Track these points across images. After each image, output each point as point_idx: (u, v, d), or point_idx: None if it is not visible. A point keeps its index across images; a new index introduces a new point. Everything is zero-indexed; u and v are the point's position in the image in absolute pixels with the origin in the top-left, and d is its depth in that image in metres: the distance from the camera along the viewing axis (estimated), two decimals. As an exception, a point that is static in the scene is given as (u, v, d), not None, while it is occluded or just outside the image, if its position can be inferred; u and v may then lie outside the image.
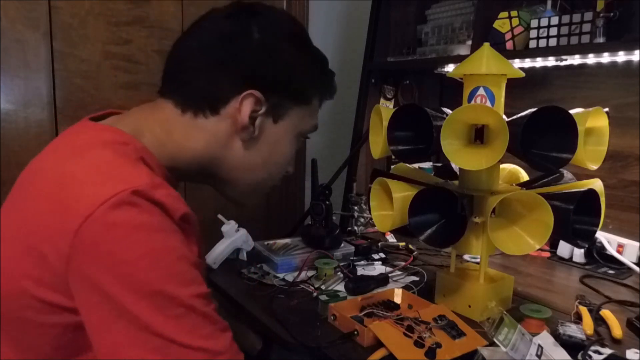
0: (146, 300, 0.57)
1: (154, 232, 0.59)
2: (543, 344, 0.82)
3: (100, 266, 0.57)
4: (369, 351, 0.85)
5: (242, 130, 0.74)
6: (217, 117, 0.74)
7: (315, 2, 2.00)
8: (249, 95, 0.72)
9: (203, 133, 0.74)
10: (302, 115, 0.80)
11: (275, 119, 0.77)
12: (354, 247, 1.35)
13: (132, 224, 0.58)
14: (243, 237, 1.31)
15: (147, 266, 0.57)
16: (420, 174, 1.11)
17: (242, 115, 0.73)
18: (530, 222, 0.91)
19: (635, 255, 1.27)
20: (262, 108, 0.74)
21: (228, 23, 0.74)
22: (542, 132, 0.88)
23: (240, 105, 0.73)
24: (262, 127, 0.76)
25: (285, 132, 0.79)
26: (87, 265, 0.57)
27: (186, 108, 0.74)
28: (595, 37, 1.14)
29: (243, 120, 0.73)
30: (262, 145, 0.77)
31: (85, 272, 0.57)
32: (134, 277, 0.57)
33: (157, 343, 0.57)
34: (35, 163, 0.72)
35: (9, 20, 1.45)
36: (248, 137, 0.76)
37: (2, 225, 0.67)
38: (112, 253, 0.57)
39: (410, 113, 0.97)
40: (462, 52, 1.51)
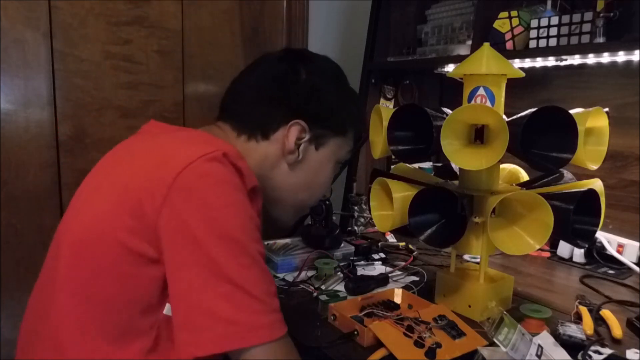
0: (225, 245, 0.66)
1: (236, 189, 0.70)
2: (543, 344, 0.82)
3: (191, 208, 0.66)
4: (369, 351, 0.85)
5: (288, 153, 0.86)
6: (267, 142, 0.85)
7: (315, 2, 2.00)
8: (296, 124, 0.84)
9: (255, 154, 0.85)
10: (340, 144, 0.91)
11: (317, 147, 0.88)
12: (354, 247, 1.35)
13: (222, 177, 0.69)
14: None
15: (230, 214, 0.68)
16: (420, 174, 1.11)
17: (289, 140, 0.85)
18: (530, 222, 0.91)
19: (635, 255, 1.27)
20: (306, 136, 0.86)
21: (280, 65, 0.88)
22: (542, 132, 0.88)
23: (288, 132, 0.85)
24: (306, 153, 0.87)
25: (325, 158, 0.90)
26: (179, 207, 0.66)
27: (241, 132, 0.86)
28: (595, 37, 1.14)
29: (290, 145, 0.85)
30: (305, 168, 0.88)
31: (176, 213, 0.66)
32: (218, 222, 0.66)
33: (226, 289, 0.65)
34: (126, 144, 0.84)
35: (9, 20, 1.45)
36: (293, 161, 0.87)
37: (100, 184, 0.77)
38: (203, 198, 0.67)
39: (410, 113, 0.97)
40: (462, 52, 1.51)
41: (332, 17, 2.06)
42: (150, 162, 0.73)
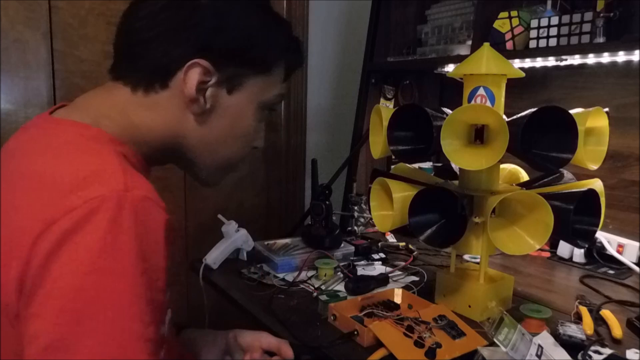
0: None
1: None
2: (543, 344, 0.82)
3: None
4: (369, 351, 0.85)
5: (191, 103, 0.69)
6: (168, 90, 0.68)
7: (315, 2, 2.00)
8: (194, 65, 0.66)
9: (157, 110, 0.69)
10: (262, 85, 0.73)
11: (229, 90, 0.71)
12: (354, 247, 1.35)
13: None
14: (243, 237, 1.31)
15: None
16: (420, 174, 1.11)
17: (187, 86, 0.67)
18: (530, 222, 0.91)
19: (635, 255, 1.27)
20: (212, 78, 0.68)
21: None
22: (542, 132, 0.88)
23: (185, 76, 0.67)
24: (215, 99, 0.70)
25: (244, 104, 0.73)
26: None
27: (136, 86, 0.69)
28: (595, 37, 1.14)
29: (189, 91, 0.67)
30: (218, 118, 0.72)
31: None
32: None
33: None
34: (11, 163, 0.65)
35: (9, 20, 1.45)
36: (200, 111, 0.70)
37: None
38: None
39: (410, 113, 0.97)
40: (462, 52, 1.51)
41: (332, 17, 2.06)
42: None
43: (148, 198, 0.58)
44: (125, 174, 0.58)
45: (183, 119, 0.70)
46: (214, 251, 1.27)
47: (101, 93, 0.71)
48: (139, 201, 0.56)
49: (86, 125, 0.65)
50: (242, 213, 1.97)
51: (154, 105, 0.69)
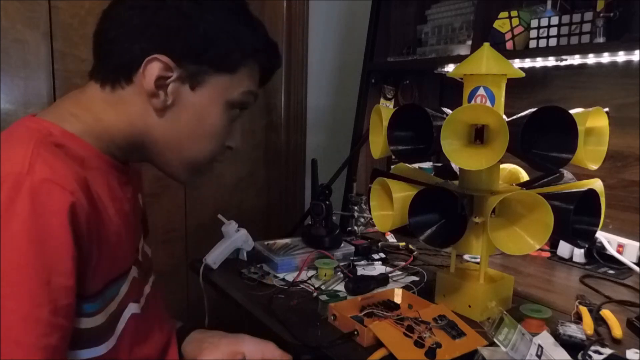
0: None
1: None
2: (543, 344, 0.82)
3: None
4: (369, 351, 0.85)
5: (151, 97, 0.70)
6: (132, 86, 0.70)
7: (315, 2, 2.00)
8: (153, 60, 0.68)
9: (122, 105, 0.71)
10: (227, 83, 0.74)
11: (192, 86, 0.72)
12: (354, 247, 1.35)
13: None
14: (243, 237, 1.31)
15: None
16: (420, 174, 1.11)
17: (146, 81, 0.69)
18: (530, 222, 0.91)
19: (635, 255, 1.27)
20: (173, 74, 0.70)
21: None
22: (542, 132, 0.88)
23: (144, 70, 0.68)
24: (178, 95, 0.71)
25: (208, 101, 0.73)
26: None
27: (104, 83, 0.71)
28: (595, 37, 1.14)
29: (148, 86, 0.69)
30: (182, 114, 0.72)
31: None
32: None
33: None
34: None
35: (9, 20, 1.45)
36: (161, 105, 0.71)
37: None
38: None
39: (410, 113, 0.97)
40: (462, 52, 1.51)
41: (332, 17, 2.06)
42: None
43: (49, 180, 0.58)
44: (35, 157, 0.59)
45: (146, 113, 0.72)
46: (214, 251, 1.27)
47: (76, 93, 0.74)
48: (37, 183, 0.57)
49: (39, 120, 0.68)
50: (242, 213, 1.97)
51: (119, 100, 0.71)
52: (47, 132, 0.66)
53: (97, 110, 0.71)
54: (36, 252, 0.56)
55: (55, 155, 0.62)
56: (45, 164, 0.60)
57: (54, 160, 0.61)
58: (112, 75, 0.71)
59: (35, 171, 0.58)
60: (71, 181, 0.61)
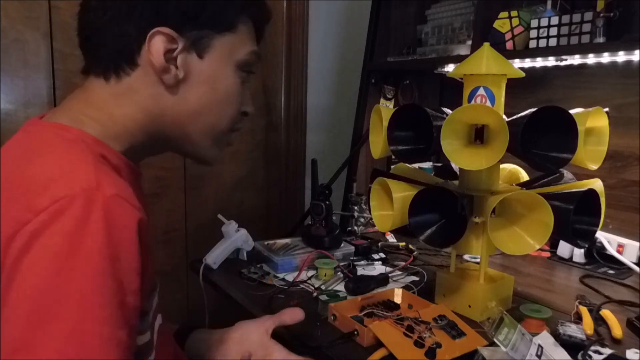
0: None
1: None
2: (543, 344, 0.82)
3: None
4: (369, 351, 0.85)
5: (163, 73, 0.67)
6: (138, 69, 0.67)
7: (315, 2, 2.00)
8: (156, 34, 0.65)
9: (132, 93, 0.68)
10: (232, 43, 0.71)
11: (199, 54, 0.69)
12: (354, 247, 1.36)
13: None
14: (243, 237, 1.31)
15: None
16: (420, 174, 1.11)
17: (155, 57, 0.66)
18: (530, 222, 0.91)
19: (635, 255, 1.27)
20: (178, 44, 0.67)
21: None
22: (542, 132, 0.88)
23: (149, 47, 0.65)
24: (188, 66, 0.68)
25: (218, 65, 0.71)
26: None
27: (107, 74, 0.68)
28: (595, 37, 1.14)
29: (158, 61, 0.66)
30: (196, 85, 0.70)
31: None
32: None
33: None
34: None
35: (9, 20, 1.45)
36: (174, 81, 0.68)
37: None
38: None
39: (410, 113, 0.97)
40: (462, 52, 1.51)
41: (332, 17, 2.06)
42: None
43: (119, 196, 0.56)
44: (98, 172, 0.57)
45: (158, 95, 0.68)
46: (214, 251, 1.27)
47: (80, 93, 0.70)
48: (109, 199, 0.55)
49: (65, 126, 0.65)
50: (242, 213, 1.97)
51: (129, 89, 0.68)
52: (84, 144, 0.63)
53: (109, 106, 0.68)
54: (113, 270, 0.54)
55: (109, 170, 0.61)
56: (109, 179, 0.58)
57: (112, 174, 0.60)
58: (113, 65, 0.67)
59: (104, 187, 0.56)
60: (134, 196, 0.59)
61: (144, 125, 0.70)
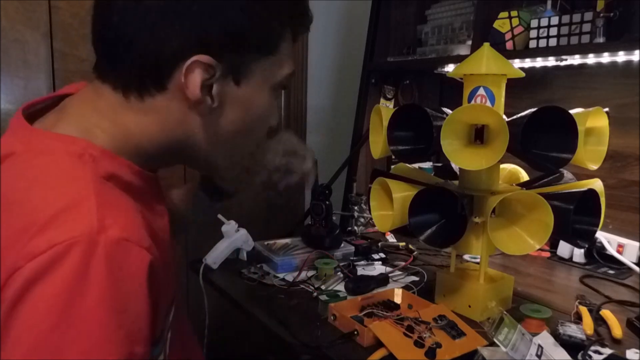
0: None
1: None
2: (543, 344, 0.82)
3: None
4: (369, 351, 0.85)
5: (196, 105, 0.60)
6: (166, 93, 0.59)
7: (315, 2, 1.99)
8: (195, 64, 0.57)
9: (156, 115, 0.61)
10: (272, 66, 0.64)
11: (237, 81, 0.61)
12: (354, 247, 1.36)
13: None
14: (243, 237, 1.31)
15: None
16: (420, 174, 1.11)
17: (190, 89, 0.58)
18: (530, 222, 0.91)
19: (635, 255, 1.27)
20: (216, 73, 0.59)
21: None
22: (542, 132, 0.88)
23: (185, 77, 0.57)
24: (223, 94, 0.61)
25: (254, 91, 0.64)
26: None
27: (128, 91, 0.60)
28: (595, 37, 1.14)
29: (194, 94, 0.58)
30: (229, 113, 0.63)
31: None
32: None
33: None
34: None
35: (9, 20, 1.45)
36: (207, 111, 0.61)
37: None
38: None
39: (410, 113, 0.97)
40: (462, 52, 1.51)
41: (332, 17, 2.06)
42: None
43: (124, 240, 0.50)
44: (102, 208, 0.51)
45: (188, 121, 0.62)
46: (214, 251, 1.27)
47: (90, 98, 0.62)
48: (113, 244, 0.49)
49: (71, 138, 0.58)
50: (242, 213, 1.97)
51: (151, 110, 0.60)
52: (91, 159, 0.56)
53: (124, 122, 0.61)
54: (119, 323, 0.48)
55: (117, 198, 0.54)
56: (115, 215, 0.51)
57: (120, 206, 0.54)
58: (137, 82, 0.59)
59: (107, 228, 0.49)
60: (144, 234, 0.53)
61: (162, 145, 0.63)
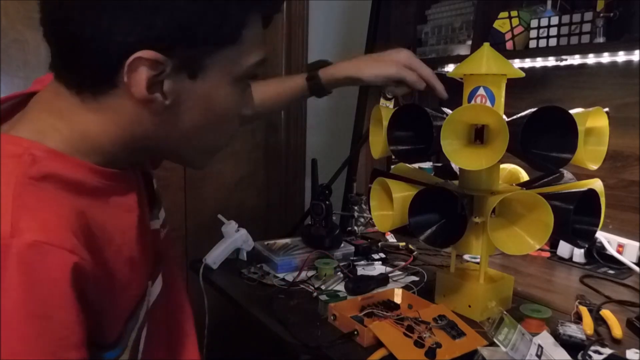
0: None
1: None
2: (543, 344, 0.82)
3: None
4: (369, 351, 0.85)
5: (148, 103, 0.56)
6: (118, 89, 0.56)
7: (315, 2, 2.00)
8: (137, 62, 0.53)
9: (111, 113, 0.57)
10: (232, 58, 0.59)
11: (192, 76, 0.57)
12: (354, 247, 1.35)
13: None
14: (243, 237, 1.31)
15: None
16: (420, 174, 1.11)
17: (135, 88, 0.54)
18: (530, 222, 0.91)
19: (635, 255, 1.27)
20: (165, 68, 0.54)
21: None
22: (542, 132, 0.88)
23: (129, 77, 0.54)
24: (177, 91, 0.57)
25: (214, 85, 0.59)
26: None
27: (81, 90, 0.57)
28: (595, 37, 1.14)
29: (140, 93, 0.55)
30: (187, 110, 0.59)
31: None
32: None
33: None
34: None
35: (9, 20, 1.45)
36: (161, 108, 0.57)
37: None
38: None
39: (410, 113, 0.97)
40: (462, 52, 1.51)
41: (332, 17, 2.06)
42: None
43: (40, 243, 0.46)
44: (19, 211, 0.47)
45: (142, 118, 0.58)
46: (214, 251, 1.27)
47: (48, 98, 0.60)
48: (26, 247, 0.45)
49: (17, 139, 0.54)
50: (242, 213, 1.97)
51: (107, 109, 0.57)
52: (30, 159, 0.52)
53: (81, 122, 0.58)
54: (39, 331, 0.46)
55: (41, 199, 0.50)
56: (32, 217, 0.48)
57: (42, 208, 0.50)
58: (89, 81, 0.56)
59: (21, 231, 0.46)
60: (68, 235, 0.49)
61: (122, 143, 0.60)
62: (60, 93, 0.58)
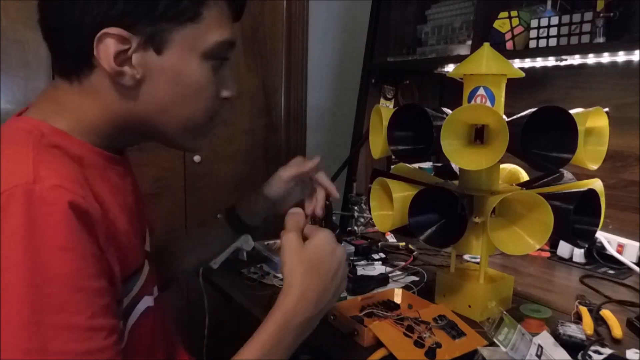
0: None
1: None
2: (543, 344, 0.82)
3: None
4: (369, 351, 0.85)
5: (118, 77, 0.64)
6: (96, 70, 0.64)
7: (315, 2, 2.00)
8: (103, 37, 0.61)
9: (96, 94, 0.66)
10: (193, 35, 0.66)
11: (158, 50, 0.64)
12: (354, 247, 1.35)
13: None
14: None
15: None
16: (420, 174, 1.11)
17: (105, 62, 0.62)
18: (530, 222, 0.91)
19: (635, 255, 1.27)
20: (131, 44, 0.62)
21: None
22: (542, 132, 0.88)
23: (98, 52, 0.62)
24: (146, 64, 0.64)
25: (180, 60, 0.66)
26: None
27: (69, 76, 0.66)
28: (595, 37, 1.14)
29: (109, 67, 0.62)
30: (157, 83, 0.66)
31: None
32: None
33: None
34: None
35: (9, 20, 1.45)
36: (132, 82, 0.65)
37: None
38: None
39: (410, 113, 0.97)
40: (462, 52, 1.51)
41: (332, 17, 2.06)
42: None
43: (57, 186, 0.55)
44: (39, 165, 0.56)
45: (121, 95, 0.66)
46: (214, 251, 1.27)
47: (49, 92, 0.69)
48: (47, 190, 0.54)
49: (27, 119, 0.64)
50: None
51: (91, 90, 0.66)
52: (39, 132, 0.62)
53: (75, 106, 0.66)
54: (71, 258, 0.54)
55: (55, 159, 0.59)
56: (50, 169, 0.56)
57: (56, 164, 0.58)
58: (72, 67, 0.65)
59: (42, 178, 0.54)
60: (80, 184, 0.58)
61: (112, 122, 0.68)
62: (57, 84, 0.68)
